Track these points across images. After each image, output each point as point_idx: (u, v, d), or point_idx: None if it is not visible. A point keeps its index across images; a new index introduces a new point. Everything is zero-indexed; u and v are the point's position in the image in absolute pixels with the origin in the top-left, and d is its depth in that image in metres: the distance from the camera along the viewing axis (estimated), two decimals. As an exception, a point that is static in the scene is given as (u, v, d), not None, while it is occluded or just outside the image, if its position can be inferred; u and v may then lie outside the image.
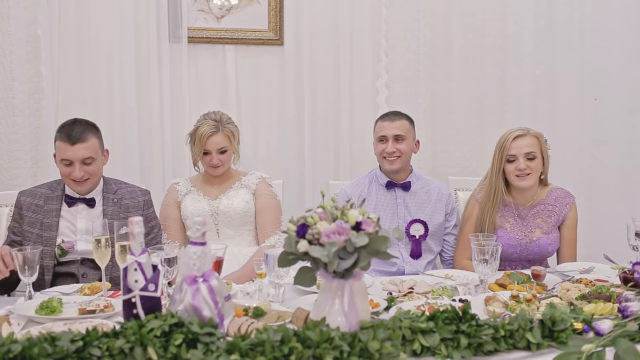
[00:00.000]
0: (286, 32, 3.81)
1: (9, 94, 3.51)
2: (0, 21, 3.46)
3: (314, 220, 1.73)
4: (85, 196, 2.74)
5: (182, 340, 1.57)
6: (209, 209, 3.01)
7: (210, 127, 2.96)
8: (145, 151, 3.68)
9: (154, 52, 3.64)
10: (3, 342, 1.49)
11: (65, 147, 2.62)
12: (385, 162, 3.01)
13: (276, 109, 3.86)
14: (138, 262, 1.70)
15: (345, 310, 1.72)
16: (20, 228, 2.71)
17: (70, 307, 2.11)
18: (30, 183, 3.32)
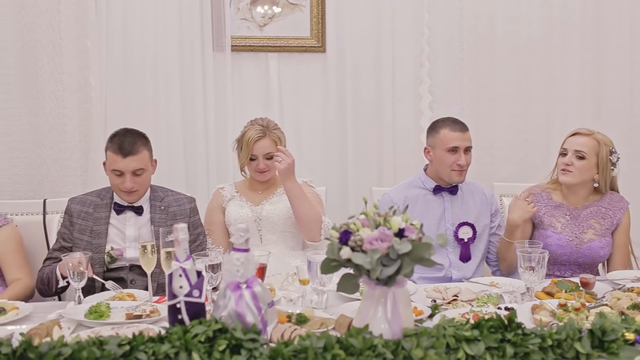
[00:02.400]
0: (328, 39, 3.82)
1: (59, 104, 3.59)
2: (51, 33, 3.55)
3: (357, 227, 1.73)
4: (134, 204, 2.80)
5: (226, 346, 1.58)
6: (252, 215, 3.03)
7: (258, 132, 3.00)
8: (189, 159, 3.73)
9: (198, 61, 3.69)
10: (54, 345, 1.53)
11: (116, 158, 2.68)
12: (454, 175, 2.93)
13: (319, 115, 3.87)
14: (183, 269, 1.73)
15: (388, 318, 1.72)
16: (70, 235, 2.78)
17: (118, 312, 2.15)
18: (80, 191, 3.40)
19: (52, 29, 3.55)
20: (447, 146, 2.91)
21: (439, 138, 2.95)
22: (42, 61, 3.55)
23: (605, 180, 2.88)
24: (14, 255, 2.80)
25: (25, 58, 3.55)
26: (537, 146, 3.96)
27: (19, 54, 3.54)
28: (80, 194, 3.05)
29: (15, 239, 2.84)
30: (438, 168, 2.97)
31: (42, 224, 3.10)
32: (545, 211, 2.93)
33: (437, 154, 2.95)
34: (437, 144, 2.95)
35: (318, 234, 2.94)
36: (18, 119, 3.57)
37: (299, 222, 2.95)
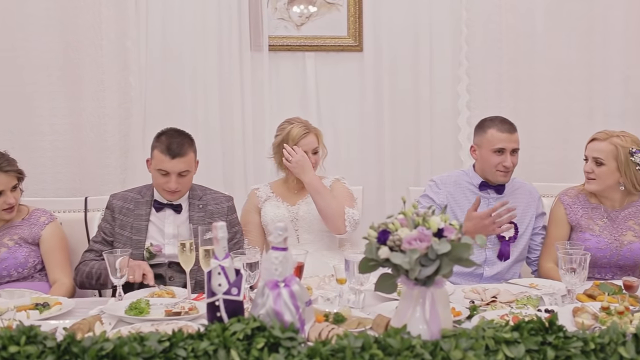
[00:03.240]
0: (365, 38, 3.81)
1: (100, 104, 3.67)
2: (92, 34, 3.63)
3: (395, 226, 1.72)
4: (173, 202, 2.84)
5: (264, 344, 1.59)
6: (289, 215, 3.04)
7: (303, 128, 3.04)
8: (227, 158, 3.77)
9: (236, 61, 3.72)
10: (96, 340, 1.56)
11: (164, 159, 2.72)
12: (499, 175, 2.90)
13: (356, 115, 3.86)
14: (221, 267, 1.74)
15: (426, 318, 1.70)
16: (112, 229, 2.83)
17: (157, 309, 2.18)
18: (120, 189, 3.45)
19: (93, 30, 3.62)
20: (493, 147, 2.88)
21: (485, 138, 2.91)
22: (84, 62, 3.63)
23: (633, 182, 2.79)
24: (58, 254, 2.86)
25: (68, 59, 3.63)
26: (577, 146, 3.83)
27: (62, 55, 3.63)
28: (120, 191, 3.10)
29: (60, 237, 2.90)
30: (483, 167, 2.94)
31: (84, 222, 3.16)
32: (583, 213, 2.87)
33: (483, 154, 2.92)
34: (484, 144, 2.92)
35: (342, 225, 2.94)
36: (61, 119, 3.66)
37: (321, 215, 2.97)
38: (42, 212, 2.90)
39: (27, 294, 2.49)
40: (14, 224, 2.83)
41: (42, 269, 2.86)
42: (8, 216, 2.80)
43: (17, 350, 1.54)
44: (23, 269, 2.79)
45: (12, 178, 2.77)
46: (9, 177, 2.75)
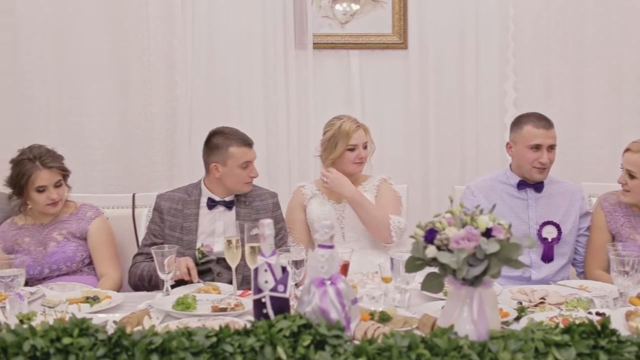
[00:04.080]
0: (410, 35, 3.79)
1: (147, 102, 3.73)
2: (139, 33, 3.69)
3: (443, 225, 1.70)
4: (225, 199, 2.87)
5: (311, 342, 1.59)
6: (335, 213, 3.04)
7: (353, 122, 3.03)
8: (272, 155, 3.79)
9: (281, 59, 3.74)
10: (146, 334, 1.58)
11: (246, 150, 2.82)
12: (535, 172, 2.85)
13: (401, 112, 3.84)
14: (268, 264, 1.75)
15: (474, 319, 1.68)
16: (161, 231, 2.85)
17: (204, 304, 2.21)
18: (167, 185, 3.52)
19: (140, 28, 3.69)
20: (529, 143, 2.83)
21: (521, 134, 2.86)
22: (132, 60, 3.71)
23: None
24: (104, 248, 2.91)
25: (116, 58, 3.71)
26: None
27: (110, 54, 3.71)
28: (166, 189, 3.15)
29: (106, 231, 2.95)
30: (520, 164, 2.89)
31: (132, 218, 3.20)
32: (624, 222, 2.76)
33: (519, 150, 2.87)
34: (520, 140, 2.87)
35: (388, 235, 2.92)
36: (110, 117, 3.74)
37: (366, 226, 2.96)
38: (89, 207, 2.96)
39: (78, 288, 2.54)
40: (62, 219, 2.90)
41: (90, 263, 2.92)
42: (52, 211, 2.85)
43: (70, 342, 1.57)
44: (72, 263, 2.85)
45: (56, 174, 2.82)
46: (52, 173, 2.81)
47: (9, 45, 3.68)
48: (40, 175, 2.78)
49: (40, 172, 2.78)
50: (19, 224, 2.90)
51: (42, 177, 2.78)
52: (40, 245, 2.84)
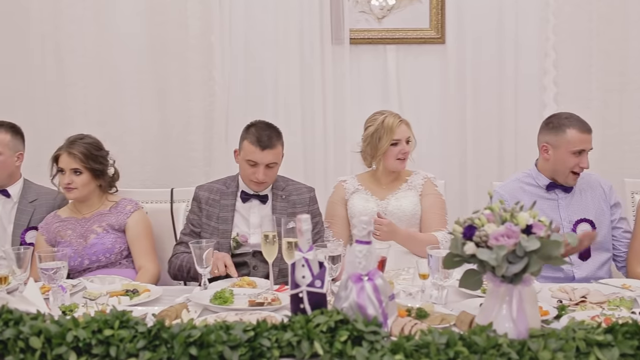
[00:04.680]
0: (448, 30, 3.75)
1: (185, 98, 3.78)
2: (178, 30, 3.74)
3: (482, 222, 1.68)
4: (259, 193, 2.89)
5: (348, 337, 1.59)
6: (377, 209, 2.99)
7: (396, 117, 3.01)
8: (308, 151, 3.79)
9: (317, 54, 3.74)
10: (184, 327, 1.60)
11: (254, 150, 2.77)
12: (571, 177, 2.80)
13: (438, 108, 3.81)
14: (305, 259, 1.75)
15: (513, 317, 1.66)
16: (199, 220, 2.90)
17: (241, 299, 2.22)
18: (204, 181, 3.51)
19: (178, 25, 3.74)
20: (574, 148, 2.77)
21: (565, 138, 2.79)
22: (170, 57, 3.76)
23: None
24: (143, 241, 2.96)
25: (155, 55, 3.76)
26: (673, 141, 3.69)
27: (150, 51, 3.76)
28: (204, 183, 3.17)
29: (145, 225, 3.00)
30: (556, 168, 2.83)
31: (170, 212, 3.25)
32: None
33: (559, 154, 2.80)
34: (562, 144, 2.79)
35: None
36: (149, 113, 3.80)
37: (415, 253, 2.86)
38: (128, 201, 3.02)
39: (117, 281, 2.59)
40: (102, 212, 2.96)
41: (128, 255, 2.98)
42: (68, 195, 2.94)
43: (111, 334, 1.60)
44: (110, 255, 2.91)
45: (74, 161, 2.88)
46: (72, 159, 2.89)
47: (51, 44, 3.76)
48: (62, 157, 2.91)
49: (63, 154, 2.91)
50: (62, 216, 2.98)
51: (62, 159, 2.91)
52: (81, 238, 2.90)
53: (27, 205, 3.11)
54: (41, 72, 3.79)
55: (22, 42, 3.77)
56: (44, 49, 3.77)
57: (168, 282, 2.96)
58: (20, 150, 3.16)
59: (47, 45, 3.77)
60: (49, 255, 2.22)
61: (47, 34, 3.76)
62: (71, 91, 3.78)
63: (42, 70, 3.79)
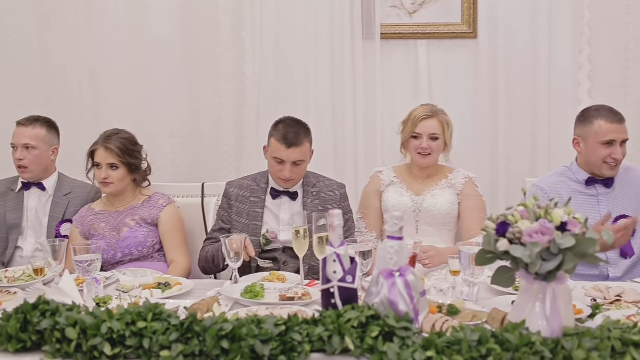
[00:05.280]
0: (480, 24, 3.70)
1: (216, 93, 3.80)
2: (210, 26, 3.76)
3: (515, 218, 1.67)
4: (289, 189, 2.89)
5: (379, 333, 1.59)
6: (412, 205, 2.98)
7: (426, 111, 2.97)
8: (338, 146, 3.78)
9: (348, 49, 3.72)
10: (217, 321, 1.62)
11: (280, 147, 2.77)
12: (606, 168, 2.75)
13: (469, 103, 3.76)
14: (337, 254, 1.76)
15: (547, 315, 1.64)
16: (229, 217, 2.92)
17: (271, 293, 2.23)
18: (234, 176, 3.56)
19: (211, 21, 3.76)
20: (602, 139, 2.73)
21: (592, 130, 2.76)
22: (202, 52, 3.78)
23: None
24: (175, 234, 2.99)
25: (188, 50, 3.79)
26: None
27: (182, 47, 3.79)
28: (234, 178, 3.19)
29: (177, 219, 3.03)
30: (590, 161, 2.79)
31: (201, 207, 3.28)
32: None
33: (589, 146, 2.77)
34: (590, 136, 2.76)
35: None
36: (180, 108, 3.83)
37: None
38: (161, 195, 3.06)
39: (149, 274, 2.63)
40: (135, 206, 3.00)
41: (160, 249, 3.01)
42: (104, 190, 2.99)
43: (144, 326, 1.63)
44: (143, 248, 2.94)
45: (112, 156, 2.92)
46: (108, 153, 2.93)
47: (85, 40, 3.82)
48: (98, 152, 2.95)
49: (99, 149, 2.95)
50: (96, 210, 3.03)
51: (98, 154, 2.95)
52: (114, 231, 2.95)
53: (61, 198, 3.17)
54: (75, 68, 3.84)
55: (57, 38, 3.83)
56: (78, 45, 3.82)
57: (199, 275, 2.99)
58: (55, 145, 3.22)
59: (81, 42, 3.82)
60: (83, 248, 2.26)
61: (81, 30, 3.81)
62: (105, 86, 3.83)
63: (77, 67, 3.84)
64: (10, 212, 3.15)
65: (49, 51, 3.85)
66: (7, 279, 2.54)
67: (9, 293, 2.34)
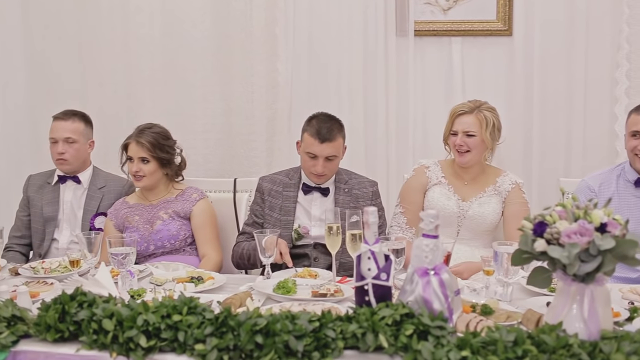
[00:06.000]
0: (515, 21, 3.65)
1: (248, 89, 3.81)
2: (243, 21, 3.77)
3: (553, 218, 1.64)
4: (321, 185, 2.89)
5: (413, 331, 1.58)
6: (457, 210, 2.89)
7: (464, 107, 2.91)
8: (370, 143, 3.77)
9: (381, 46, 3.70)
10: (251, 315, 1.63)
11: (313, 142, 2.78)
12: (637, 160, 2.72)
13: (503, 101, 3.69)
14: (371, 251, 1.75)
15: (584, 317, 1.61)
16: (262, 211, 2.94)
17: (303, 289, 2.24)
18: (266, 171, 3.57)
19: (243, 17, 3.77)
20: (630, 129, 2.74)
21: (627, 123, 2.78)
22: (235, 48, 3.80)
23: None
24: (207, 229, 3.01)
25: (220, 46, 3.81)
26: None
27: (215, 42, 3.81)
28: (266, 174, 3.20)
29: (209, 213, 3.05)
30: (628, 156, 2.77)
31: (233, 201, 3.29)
32: None
33: (625, 140, 2.80)
34: (625, 129, 2.79)
35: None
36: (213, 103, 3.85)
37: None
38: (194, 189, 3.08)
39: (181, 267, 2.65)
40: (169, 200, 3.03)
41: (191, 242, 3.04)
42: (137, 183, 3.02)
43: (179, 319, 1.64)
44: (175, 241, 2.97)
45: (142, 150, 2.96)
46: (140, 147, 2.97)
47: (119, 35, 3.86)
48: (131, 146, 3.00)
49: (132, 143, 3.00)
50: (130, 202, 3.07)
51: (131, 148, 2.99)
52: (148, 223, 2.98)
53: (96, 192, 3.22)
54: (110, 62, 3.89)
55: (93, 31, 3.88)
56: (114, 40, 3.87)
57: (230, 270, 3.01)
58: (91, 138, 3.28)
59: (117, 36, 3.86)
60: (118, 241, 2.29)
61: (116, 25, 3.86)
62: (138, 81, 3.87)
63: (111, 61, 3.89)
64: (46, 205, 3.21)
65: (84, 45, 3.90)
66: (43, 270, 2.59)
67: (45, 284, 2.38)
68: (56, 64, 3.93)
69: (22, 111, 3.97)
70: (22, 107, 3.97)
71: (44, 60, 3.94)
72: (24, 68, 3.97)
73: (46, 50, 3.94)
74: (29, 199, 3.26)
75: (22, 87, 3.98)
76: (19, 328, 1.73)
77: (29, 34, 3.94)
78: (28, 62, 3.96)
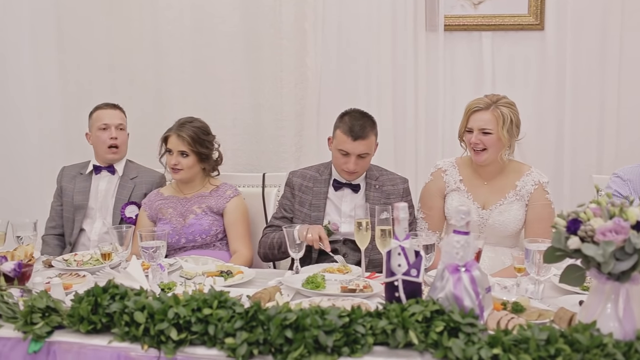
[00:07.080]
0: (547, 15, 3.60)
1: (277, 84, 3.81)
2: (272, 17, 3.77)
3: (587, 216, 1.62)
4: (352, 182, 2.88)
5: (444, 328, 1.57)
6: (477, 219, 2.80)
7: (479, 102, 2.78)
8: (399, 138, 3.74)
9: (411, 41, 3.67)
10: (280, 310, 1.63)
11: (345, 139, 2.75)
12: None
13: (534, 97, 3.65)
14: (402, 247, 1.74)
15: (619, 316, 1.59)
16: (291, 206, 2.94)
17: (332, 285, 2.24)
18: (294, 167, 3.57)
19: (273, 12, 3.77)
20: None
21: None
22: (264, 43, 3.80)
23: None
24: (240, 226, 3.03)
25: (250, 41, 3.81)
26: None
27: (244, 38, 3.81)
28: (294, 169, 3.20)
29: (242, 210, 3.07)
30: None
31: (261, 196, 3.30)
32: None
33: None
34: None
35: None
36: (242, 98, 3.86)
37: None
38: (228, 186, 3.11)
39: (210, 262, 2.67)
40: (203, 194, 3.06)
41: (222, 238, 3.06)
42: (174, 176, 3.05)
43: (210, 313, 1.66)
44: (206, 236, 2.99)
45: (182, 144, 2.99)
46: (180, 141, 3.00)
47: (150, 31, 3.89)
48: (171, 138, 3.03)
49: (172, 136, 3.03)
50: (165, 194, 3.11)
51: (171, 141, 3.03)
52: (181, 217, 3.01)
53: (128, 182, 3.27)
54: (140, 57, 3.92)
55: (123, 26, 3.91)
56: (142, 36, 3.90)
57: (260, 266, 3.02)
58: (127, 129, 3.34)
59: (146, 31, 3.89)
60: (149, 235, 2.31)
61: (146, 20, 3.88)
62: (167, 77, 3.90)
63: (141, 56, 3.92)
64: (77, 194, 3.27)
65: (115, 39, 3.93)
66: (76, 262, 2.63)
67: (78, 276, 2.42)
68: (88, 61, 3.96)
69: (55, 109, 4.01)
70: (55, 105, 4.02)
71: (74, 53, 3.97)
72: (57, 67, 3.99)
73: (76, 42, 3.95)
74: (62, 189, 3.34)
75: (55, 85, 4.02)
76: (53, 319, 1.76)
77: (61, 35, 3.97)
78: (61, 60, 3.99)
